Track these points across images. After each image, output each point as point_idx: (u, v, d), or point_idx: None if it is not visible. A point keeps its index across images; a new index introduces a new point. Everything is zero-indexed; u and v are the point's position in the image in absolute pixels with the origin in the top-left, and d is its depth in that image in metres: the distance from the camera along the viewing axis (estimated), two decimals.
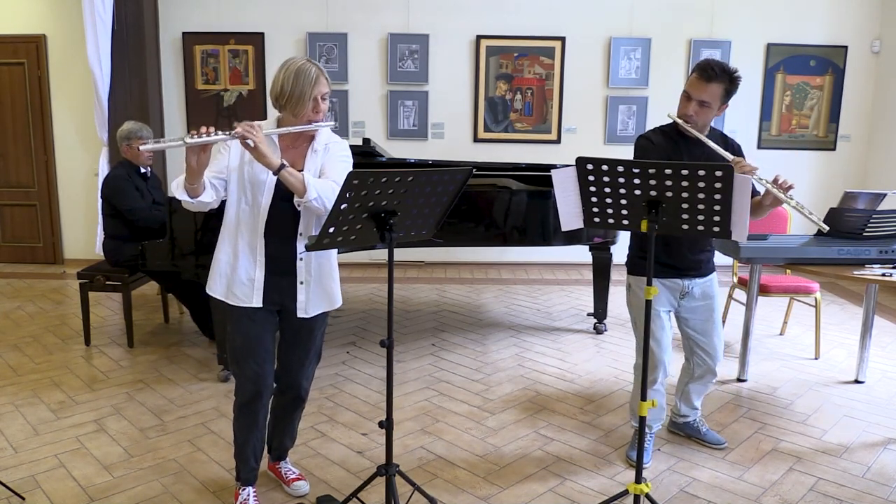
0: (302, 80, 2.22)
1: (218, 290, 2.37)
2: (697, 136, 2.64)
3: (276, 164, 2.15)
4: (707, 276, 2.85)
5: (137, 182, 4.26)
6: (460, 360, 4.13)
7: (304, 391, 2.57)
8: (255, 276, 2.32)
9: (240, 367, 2.40)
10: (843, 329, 4.83)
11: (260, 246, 2.31)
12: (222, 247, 2.37)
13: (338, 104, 6.42)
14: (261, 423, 2.48)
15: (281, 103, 2.26)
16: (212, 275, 2.39)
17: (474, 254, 6.75)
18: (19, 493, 2.58)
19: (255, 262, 2.32)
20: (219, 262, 2.37)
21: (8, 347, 4.26)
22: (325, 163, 2.35)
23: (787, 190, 2.55)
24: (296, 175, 2.18)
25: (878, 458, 2.97)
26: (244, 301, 2.33)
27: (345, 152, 2.41)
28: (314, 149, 2.34)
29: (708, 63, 2.61)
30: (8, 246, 6.63)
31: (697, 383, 3.02)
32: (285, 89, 2.23)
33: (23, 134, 6.41)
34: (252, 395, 2.41)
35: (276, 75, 2.28)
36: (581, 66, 6.44)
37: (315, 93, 2.24)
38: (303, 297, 2.38)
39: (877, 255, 3.36)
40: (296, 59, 2.28)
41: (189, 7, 6.31)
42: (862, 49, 6.49)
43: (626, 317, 4.98)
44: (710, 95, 2.59)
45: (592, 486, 2.72)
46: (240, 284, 2.33)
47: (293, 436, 2.71)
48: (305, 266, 2.36)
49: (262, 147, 2.12)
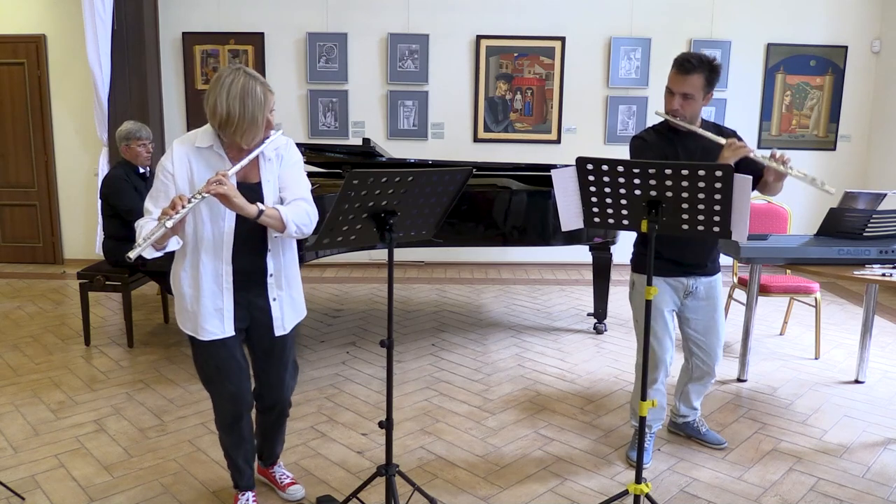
0: (251, 104, 2.02)
1: (187, 325, 2.23)
2: (689, 127, 2.63)
3: (254, 211, 2.02)
4: (712, 276, 2.84)
5: (136, 182, 4.26)
6: (460, 360, 4.13)
7: (288, 404, 2.51)
8: (223, 304, 2.18)
9: (215, 389, 2.31)
10: (843, 329, 4.83)
11: (227, 272, 2.17)
12: (184, 277, 2.19)
13: (338, 104, 6.43)
14: (247, 437, 2.42)
15: (230, 129, 2.04)
16: (178, 309, 2.24)
17: (474, 254, 6.75)
18: (19, 493, 2.58)
19: (222, 289, 2.18)
20: (183, 296, 2.20)
21: (8, 347, 4.26)
22: (284, 175, 2.22)
23: (785, 163, 2.54)
24: (273, 215, 2.07)
25: (878, 458, 2.97)
26: (216, 334, 2.20)
27: (297, 156, 2.28)
28: (266, 157, 2.18)
29: (684, 57, 2.60)
30: (8, 246, 6.63)
31: (697, 384, 3.02)
32: (232, 116, 2.01)
33: (23, 134, 6.41)
34: (233, 416, 2.34)
35: (213, 97, 2.03)
36: (581, 66, 6.44)
37: (266, 114, 2.07)
38: (278, 314, 2.29)
39: (877, 255, 3.35)
40: (231, 77, 2.03)
41: (189, 7, 6.31)
42: (862, 49, 6.49)
43: (625, 317, 4.99)
44: (692, 87, 2.58)
45: (592, 486, 2.72)
46: (208, 317, 2.18)
47: (283, 441, 2.67)
48: (276, 282, 2.27)
49: (238, 200, 1.98)
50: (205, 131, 2.15)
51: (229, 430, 2.38)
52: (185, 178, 2.11)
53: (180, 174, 2.10)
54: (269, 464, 2.67)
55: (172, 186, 2.10)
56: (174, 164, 2.11)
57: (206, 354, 2.26)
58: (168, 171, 2.11)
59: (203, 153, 2.13)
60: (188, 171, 2.11)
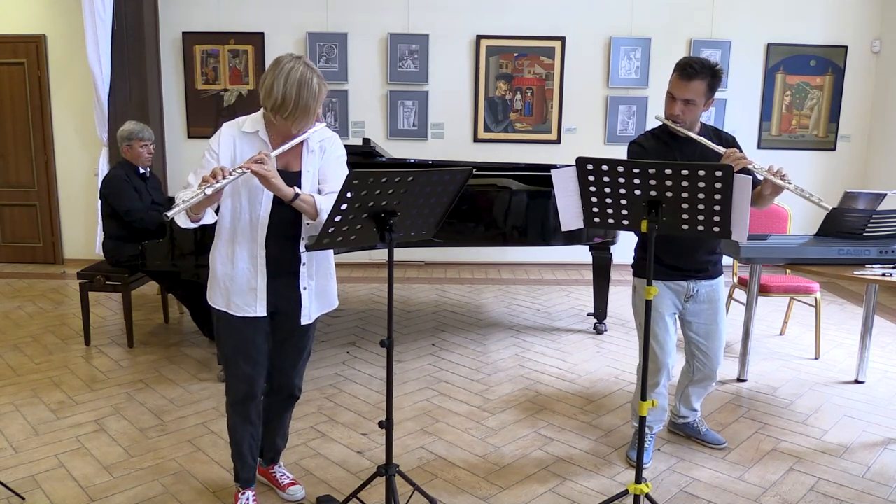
0: (306, 94, 2.08)
1: (219, 301, 2.28)
2: (688, 134, 2.61)
3: (291, 194, 2.09)
4: (714, 279, 2.83)
5: (136, 183, 4.26)
6: (460, 360, 4.13)
7: (298, 389, 2.53)
8: (257, 285, 2.24)
9: (231, 368, 2.35)
10: (843, 329, 4.83)
11: (260, 255, 2.23)
12: (218, 257, 2.27)
13: (338, 104, 6.43)
14: (254, 419, 2.44)
15: (281, 114, 2.10)
16: (211, 285, 2.30)
17: (474, 254, 6.75)
18: (19, 493, 2.57)
19: (257, 271, 2.24)
20: (216, 274, 2.27)
21: (8, 347, 4.26)
22: (325, 167, 2.29)
23: (783, 177, 2.54)
24: (308, 201, 2.13)
25: (878, 458, 2.97)
26: (247, 311, 2.26)
27: (341, 151, 2.34)
28: (310, 148, 2.26)
29: (687, 62, 2.57)
30: (8, 246, 6.63)
31: (697, 386, 3.02)
32: (288, 101, 2.07)
33: (23, 134, 6.41)
34: (244, 396, 2.38)
35: (271, 79, 2.09)
36: (581, 66, 6.45)
37: (319, 107, 2.14)
38: (307, 303, 2.34)
39: (877, 255, 3.35)
40: (291, 64, 2.09)
41: (189, 7, 6.31)
42: (862, 49, 6.49)
43: (625, 317, 4.99)
44: (694, 93, 2.56)
45: (592, 486, 2.72)
46: (241, 294, 2.25)
47: (285, 436, 2.66)
48: (308, 270, 2.32)
49: (276, 181, 2.05)
50: (253, 118, 2.23)
51: (239, 408, 2.41)
52: (229, 159, 2.19)
53: (225, 154, 2.19)
54: (269, 461, 2.66)
55: (216, 165, 2.16)
56: (220, 144, 2.20)
57: (231, 331, 2.30)
58: (214, 151, 2.20)
59: (248, 137, 2.21)
60: (233, 152, 2.19)
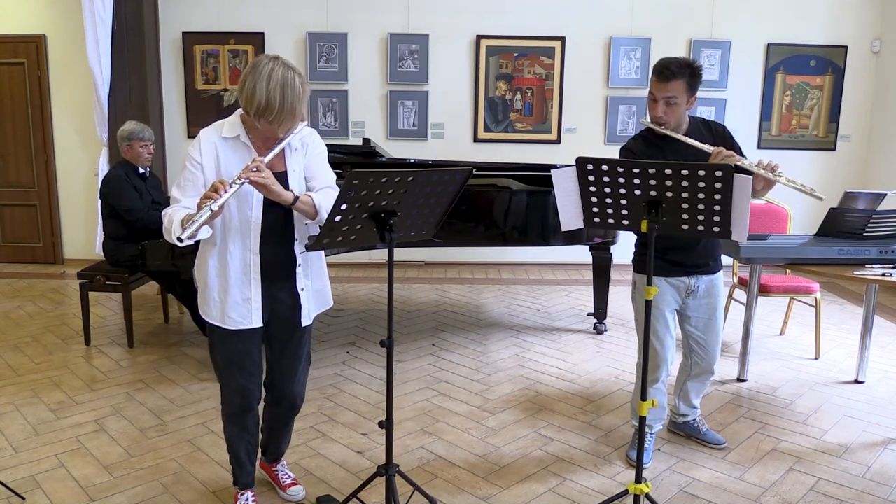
0: (290, 95, 2.02)
1: (213, 314, 2.22)
2: (674, 135, 2.63)
3: (291, 198, 2.06)
4: (714, 274, 2.84)
5: (136, 182, 4.26)
6: (460, 360, 4.13)
7: (300, 398, 2.48)
8: (251, 294, 2.19)
9: (226, 381, 2.31)
10: (843, 329, 4.83)
11: (254, 262, 2.17)
12: (208, 269, 2.19)
13: (338, 104, 6.43)
14: (251, 429, 2.42)
15: (266, 118, 2.03)
16: (203, 298, 2.23)
17: (474, 254, 6.75)
18: (19, 493, 2.57)
19: (250, 279, 2.18)
20: (208, 285, 2.20)
21: (8, 347, 4.26)
22: (310, 164, 2.26)
23: (773, 170, 2.55)
24: (307, 201, 2.10)
25: (878, 458, 2.97)
26: (242, 323, 2.20)
27: (322, 146, 2.31)
28: (293, 146, 2.21)
29: (664, 63, 2.57)
30: (8, 246, 6.63)
31: (695, 381, 3.02)
32: (273, 104, 2.00)
33: (23, 134, 6.41)
34: (240, 408, 2.34)
35: (251, 83, 2.01)
36: (581, 66, 6.44)
37: (304, 106, 2.09)
38: (306, 304, 2.32)
39: (877, 255, 3.36)
40: (270, 66, 2.02)
41: (189, 7, 6.31)
42: (862, 49, 6.49)
43: (625, 317, 4.99)
44: (674, 91, 2.57)
45: (592, 486, 2.72)
46: (236, 307, 2.18)
47: (289, 438, 2.66)
48: (304, 271, 2.29)
49: (276, 187, 2.02)
50: (231, 122, 2.16)
51: (235, 419, 2.38)
52: (213, 168, 2.12)
53: (208, 163, 2.12)
54: (272, 459, 2.66)
55: (201, 175, 2.11)
56: (202, 153, 2.12)
57: (225, 344, 2.25)
58: (196, 161, 2.12)
59: (229, 143, 2.15)
60: (216, 160, 2.13)
